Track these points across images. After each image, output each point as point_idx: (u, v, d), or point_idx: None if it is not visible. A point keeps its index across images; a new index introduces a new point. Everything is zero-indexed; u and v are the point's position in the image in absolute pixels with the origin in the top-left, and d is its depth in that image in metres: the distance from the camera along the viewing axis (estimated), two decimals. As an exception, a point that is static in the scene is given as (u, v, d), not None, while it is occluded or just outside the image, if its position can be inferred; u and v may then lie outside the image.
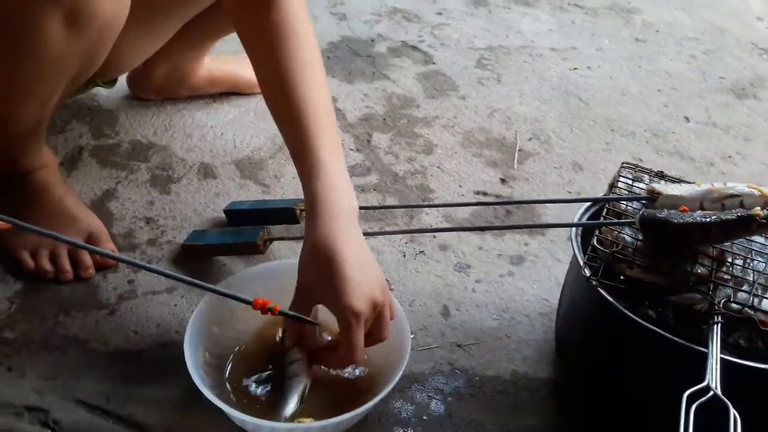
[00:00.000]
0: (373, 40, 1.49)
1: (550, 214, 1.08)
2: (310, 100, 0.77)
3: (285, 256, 0.96)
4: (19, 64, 0.74)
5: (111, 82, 1.14)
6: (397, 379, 0.71)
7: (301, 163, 0.76)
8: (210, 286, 0.72)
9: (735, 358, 0.64)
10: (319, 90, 0.79)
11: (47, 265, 0.90)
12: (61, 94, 0.84)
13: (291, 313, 0.69)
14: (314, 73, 0.79)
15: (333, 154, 0.76)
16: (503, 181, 1.15)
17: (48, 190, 0.92)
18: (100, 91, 1.21)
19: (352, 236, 0.72)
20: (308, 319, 0.70)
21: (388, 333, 0.72)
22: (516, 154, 1.21)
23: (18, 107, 0.81)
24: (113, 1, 0.74)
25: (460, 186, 1.14)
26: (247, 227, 0.97)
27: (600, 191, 1.14)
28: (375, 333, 0.71)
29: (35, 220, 0.90)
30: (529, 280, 0.97)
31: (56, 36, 0.71)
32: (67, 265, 0.90)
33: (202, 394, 0.70)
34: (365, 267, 0.70)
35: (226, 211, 1.01)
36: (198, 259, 0.95)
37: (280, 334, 0.78)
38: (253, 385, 0.76)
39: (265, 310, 0.67)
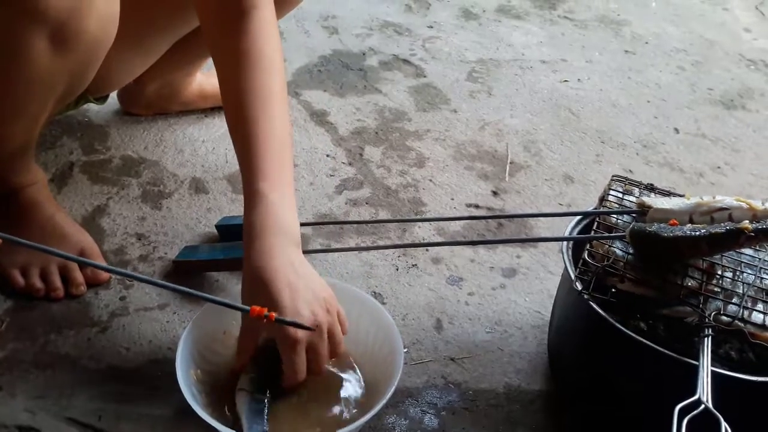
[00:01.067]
0: (364, 54, 1.50)
1: (541, 226, 1.09)
2: (261, 132, 0.77)
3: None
4: (6, 82, 0.74)
5: (102, 99, 1.14)
6: (389, 394, 0.71)
7: (244, 191, 0.78)
8: (204, 295, 0.72)
9: (726, 369, 0.65)
10: (275, 121, 0.79)
11: (38, 283, 0.89)
12: (51, 112, 0.84)
13: (288, 320, 0.69)
14: (273, 104, 0.79)
15: (275, 188, 0.76)
16: (495, 193, 1.16)
17: (38, 207, 0.92)
18: (91, 107, 1.21)
19: (284, 261, 0.72)
20: (306, 325, 0.69)
21: (342, 349, 0.73)
22: (507, 167, 1.22)
23: (5, 126, 0.80)
24: (101, 19, 0.74)
25: (452, 199, 1.14)
26: (240, 242, 0.96)
27: (591, 203, 1.15)
28: (322, 352, 0.71)
29: (26, 238, 0.90)
30: (522, 293, 0.98)
31: (43, 54, 0.71)
32: (57, 283, 0.90)
33: (194, 412, 0.69)
34: (300, 291, 0.70)
35: (218, 227, 1.01)
36: (190, 276, 0.95)
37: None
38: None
39: (261, 317, 0.67)
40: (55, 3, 0.67)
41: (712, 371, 0.60)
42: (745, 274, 0.71)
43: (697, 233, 0.67)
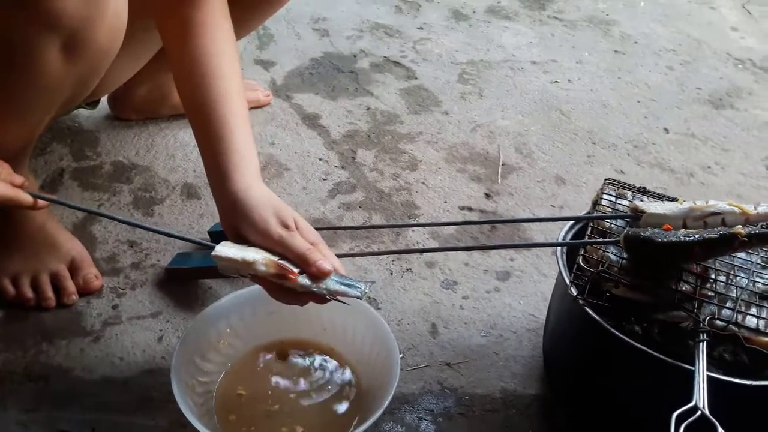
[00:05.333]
0: (355, 56, 1.49)
1: (535, 229, 1.09)
2: (222, 90, 0.78)
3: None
4: (13, 89, 0.74)
5: (93, 104, 1.13)
6: (387, 402, 0.71)
7: (211, 141, 0.77)
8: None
9: (720, 372, 0.65)
10: (232, 80, 0.79)
11: (28, 293, 0.89)
12: (50, 119, 0.84)
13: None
14: (228, 62, 0.80)
15: (244, 137, 0.77)
16: (487, 195, 1.16)
17: (29, 215, 0.90)
18: (81, 112, 1.20)
19: (255, 188, 0.74)
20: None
21: (318, 237, 0.72)
22: (499, 169, 1.22)
23: (5, 132, 0.80)
24: (111, 29, 0.74)
25: (445, 201, 1.14)
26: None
27: (583, 204, 1.15)
28: (308, 238, 0.71)
29: (17, 247, 0.89)
30: (516, 296, 0.98)
31: (53, 62, 0.71)
32: (49, 292, 0.89)
33: (190, 422, 0.69)
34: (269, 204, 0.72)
35: (210, 233, 1.01)
36: (183, 283, 0.94)
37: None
38: None
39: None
40: (70, 11, 0.67)
41: (708, 376, 0.61)
42: (738, 278, 0.72)
43: (691, 238, 0.67)
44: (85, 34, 0.71)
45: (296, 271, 0.68)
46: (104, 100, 1.19)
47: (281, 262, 0.68)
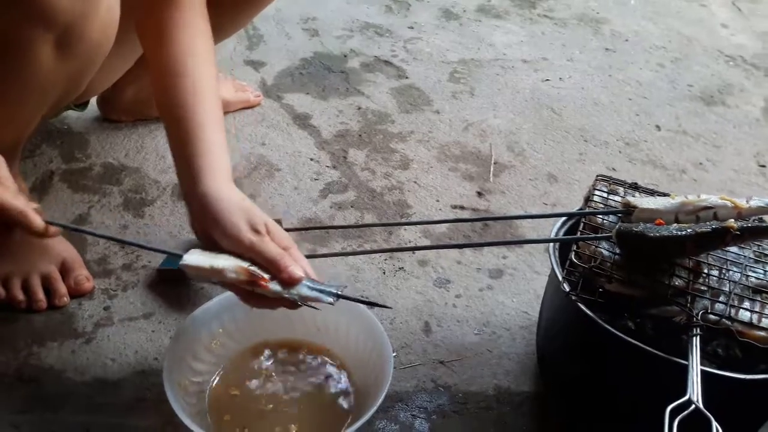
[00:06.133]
0: (345, 56, 1.49)
1: (527, 226, 1.09)
2: (195, 90, 0.76)
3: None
4: (5, 84, 0.73)
5: (83, 105, 1.12)
6: (380, 400, 0.71)
7: (185, 143, 0.75)
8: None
9: (714, 366, 0.65)
10: (206, 80, 0.78)
11: (19, 295, 0.88)
12: (40, 119, 0.83)
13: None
14: (203, 61, 0.79)
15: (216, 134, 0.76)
16: (480, 194, 1.16)
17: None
18: (70, 114, 1.19)
19: (225, 191, 0.72)
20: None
21: (289, 241, 0.71)
22: (491, 167, 1.22)
23: None
24: (103, 25, 0.74)
25: (438, 200, 1.14)
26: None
27: (575, 202, 1.15)
28: (280, 243, 0.70)
29: (7, 249, 0.89)
30: (509, 294, 0.98)
31: (46, 58, 0.70)
32: (40, 294, 0.88)
33: (183, 422, 0.68)
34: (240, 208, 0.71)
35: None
36: (174, 284, 0.94)
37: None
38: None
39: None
40: (63, 8, 0.67)
41: (702, 370, 0.61)
42: (731, 272, 0.72)
43: (683, 233, 0.67)
44: (79, 29, 0.71)
45: (267, 277, 0.66)
46: (93, 101, 1.18)
47: (251, 268, 0.67)
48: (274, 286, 0.67)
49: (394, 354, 0.84)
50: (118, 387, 0.81)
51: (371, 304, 0.72)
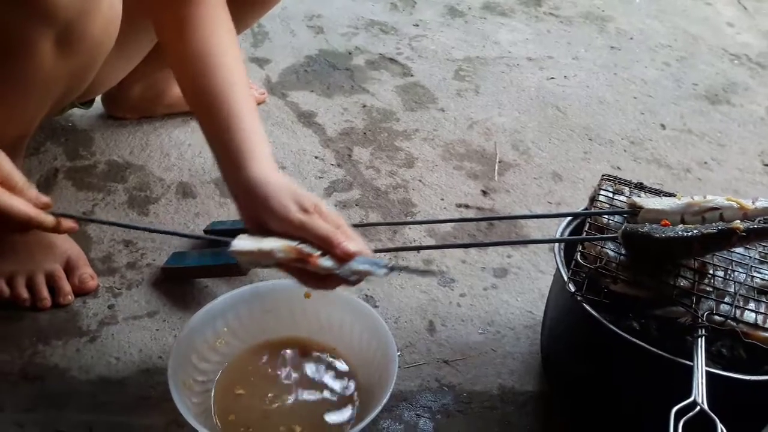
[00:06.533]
0: (350, 53, 1.49)
1: (532, 226, 1.09)
2: (228, 82, 0.77)
3: (268, 277, 0.95)
4: (7, 83, 0.73)
5: (88, 103, 1.12)
6: (385, 400, 0.71)
7: (223, 129, 0.75)
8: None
9: (718, 367, 0.65)
10: (236, 71, 0.79)
11: (24, 293, 0.88)
12: (43, 117, 0.83)
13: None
14: (231, 55, 0.79)
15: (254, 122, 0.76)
16: (484, 193, 1.16)
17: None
18: (75, 112, 1.19)
19: (271, 174, 0.73)
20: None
21: (340, 220, 0.70)
22: (496, 166, 1.22)
23: None
24: (105, 22, 0.73)
25: (442, 199, 1.14)
26: (229, 247, 0.96)
27: (580, 201, 1.15)
28: (330, 221, 0.69)
29: (11, 247, 0.89)
30: (513, 293, 0.98)
31: (48, 56, 0.70)
32: (44, 292, 0.88)
33: (187, 422, 0.68)
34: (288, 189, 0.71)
35: (206, 232, 1.00)
36: (179, 282, 0.94)
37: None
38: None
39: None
40: (64, 4, 0.67)
41: (707, 371, 0.60)
42: (736, 273, 0.71)
43: (690, 234, 0.67)
44: (80, 27, 0.70)
45: (317, 253, 0.66)
46: (98, 99, 1.18)
47: (299, 246, 0.66)
48: (324, 262, 0.66)
49: (399, 353, 0.84)
50: (122, 385, 0.81)
51: (424, 273, 0.71)
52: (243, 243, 0.67)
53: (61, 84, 0.76)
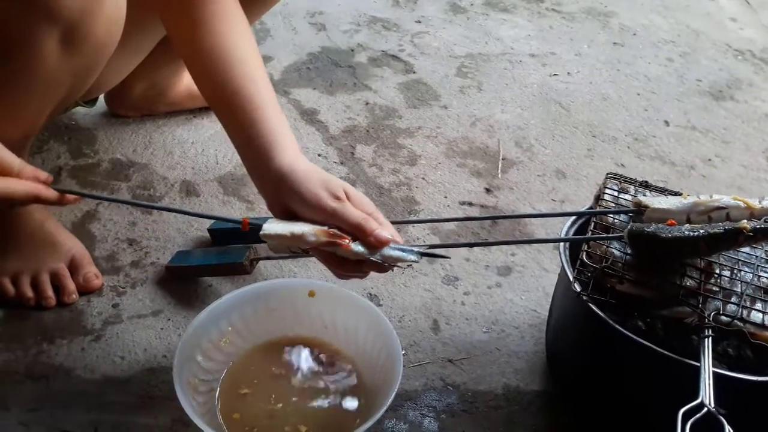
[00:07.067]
0: (353, 50, 1.48)
1: (536, 224, 1.08)
2: (248, 75, 0.77)
3: (272, 275, 0.95)
4: (11, 83, 0.73)
5: (92, 102, 1.12)
6: (390, 399, 0.70)
7: (248, 123, 0.76)
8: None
9: (725, 367, 0.65)
10: (255, 63, 0.79)
11: (28, 292, 0.88)
12: (48, 116, 0.83)
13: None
14: (248, 47, 0.80)
15: (277, 113, 0.77)
16: (488, 190, 1.16)
17: (28, 215, 0.90)
18: (78, 110, 1.19)
19: (299, 163, 0.73)
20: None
21: (371, 205, 0.71)
22: (499, 163, 1.22)
23: (2, 128, 0.79)
24: (109, 22, 0.73)
25: (446, 197, 1.13)
26: (233, 246, 0.96)
27: (584, 197, 1.15)
28: (361, 208, 0.69)
29: (16, 246, 0.89)
30: (518, 291, 0.97)
31: (52, 55, 0.70)
32: (49, 291, 0.89)
33: (192, 421, 0.68)
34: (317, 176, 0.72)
35: (210, 231, 1.00)
36: (183, 281, 0.94)
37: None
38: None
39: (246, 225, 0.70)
40: (68, 4, 0.66)
41: (714, 372, 0.60)
42: (743, 273, 0.71)
43: (696, 233, 0.67)
44: (84, 26, 0.70)
45: (348, 238, 0.66)
46: (101, 97, 1.18)
47: (331, 230, 0.67)
48: (356, 247, 0.66)
49: (403, 352, 0.84)
50: (127, 385, 0.81)
51: (443, 256, 0.73)
52: (274, 226, 0.68)
53: (65, 83, 0.76)
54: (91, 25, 0.71)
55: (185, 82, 1.20)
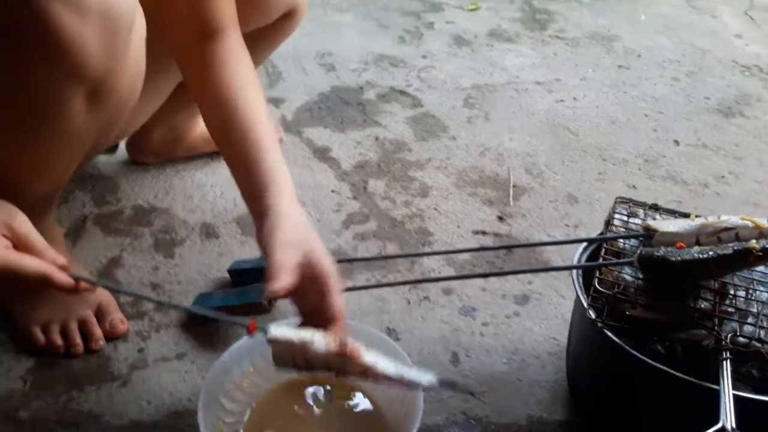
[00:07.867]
0: (361, 88, 1.52)
1: (551, 250, 1.09)
2: (252, 118, 0.80)
3: (292, 313, 0.96)
4: (39, 139, 0.76)
5: (113, 149, 1.16)
6: (412, 433, 0.71)
7: (253, 173, 0.78)
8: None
9: (749, 388, 0.65)
10: (259, 107, 0.82)
11: (58, 340, 0.90)
12: (74, 171, 0.86)
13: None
14: (254, 91, 0.83)
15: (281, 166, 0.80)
16: (500, 218, 1.17)
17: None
18: (100, 158, 1.23)
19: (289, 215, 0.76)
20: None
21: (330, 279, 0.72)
22: (511, 191, 1.23)
23: (32, 183, 0.82)
24: (131, 77, 0.77)
25: (459, 227, 1.15)
26: (252, 286, 0.98)
27: (597, 222, 1.15)
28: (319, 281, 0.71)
29: (45, 295, 0.92)
30: (536, 320, 0.98)
31: (78, 111, 0.73)
32: (77, 339, 0.91)
33: (219, 464, 0.70)
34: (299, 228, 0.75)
35: (230, 271, 1.02)
36: (205, 323, 0.96)
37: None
38: None
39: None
40: (94, 63, 0.70)
41: (735, 395, 0.60)
42: (758, 292, 0.72)
43: (705, 256, 0.67)
44: (109, 84, 0.74)
45: (359, 347, 0.64)
46: (122, 144, 1.22)
47: (341, 340, 0.65)
48: (368, 357, 0.64)
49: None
50: (154, 429, 0.83)
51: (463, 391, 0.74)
52: (281, 330, 0.66)
53: (91, 138, 0.80)
54: (114, 82, 0.74)
55: (201, 126, 1.24)
